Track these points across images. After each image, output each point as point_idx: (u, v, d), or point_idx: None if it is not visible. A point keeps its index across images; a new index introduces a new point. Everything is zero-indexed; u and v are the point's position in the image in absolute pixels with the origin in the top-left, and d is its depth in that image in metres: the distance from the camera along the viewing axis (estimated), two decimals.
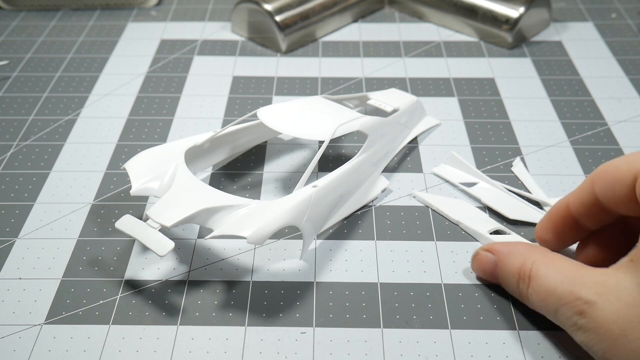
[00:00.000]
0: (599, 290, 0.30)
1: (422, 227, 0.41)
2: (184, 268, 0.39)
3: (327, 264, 0.39)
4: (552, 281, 0.32)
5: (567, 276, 0.31)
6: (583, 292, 0.30)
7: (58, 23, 0.66)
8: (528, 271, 0.33)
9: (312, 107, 0.44)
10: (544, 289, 0.32)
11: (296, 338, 0.35)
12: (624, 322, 0.28)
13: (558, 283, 0.31)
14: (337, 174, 0.40)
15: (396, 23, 0.66)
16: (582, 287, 0.30)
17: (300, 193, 0.38)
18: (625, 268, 0.30)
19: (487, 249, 0.37)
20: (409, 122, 0.49)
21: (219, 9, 0.68)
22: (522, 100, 0.54)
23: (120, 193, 0.44)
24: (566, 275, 0.31)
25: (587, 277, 0.31)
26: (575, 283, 0.31)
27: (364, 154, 0.42)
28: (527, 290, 0.33)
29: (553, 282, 0.31)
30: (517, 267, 0.34)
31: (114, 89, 0.56)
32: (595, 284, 0.30)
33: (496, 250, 0.36)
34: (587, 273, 0.31)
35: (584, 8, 0.68)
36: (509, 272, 0.35)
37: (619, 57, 0.59)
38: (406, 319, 0.36)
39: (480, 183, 0.44)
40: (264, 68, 0.58)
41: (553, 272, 0.32)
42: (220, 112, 0.53)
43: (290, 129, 0.41)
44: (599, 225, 0.35)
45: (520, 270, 0.34)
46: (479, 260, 0.37)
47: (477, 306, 0.36)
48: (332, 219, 0.41)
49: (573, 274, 0.31)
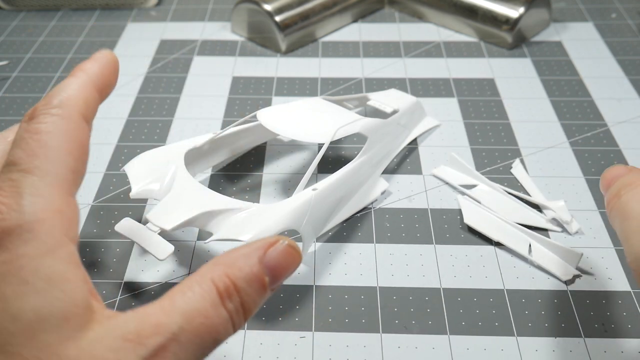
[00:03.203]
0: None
1: (421, 230, 0.42)
2: (184, 270, 0.39)
3: (327, 267, 0.39)
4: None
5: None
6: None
7: (58, 23, 0.66)
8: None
9: (312, 108, 0.44)
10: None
11: (295, 342, 0.35)
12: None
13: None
14: (337, 177, 0.40)
15: (396, 23, 0.65)
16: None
17: (300, 196, 0.38)
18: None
19: (630, 167, 0.31)
20: (408, 123, 0.49)
21: (218, 9, 0.68)
22: (521, 100, 0.53)
23: (120, 194, 0.45)
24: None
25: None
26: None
27: (364, 156, 0.42)
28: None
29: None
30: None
31: (114, 89, 0.56)
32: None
33: (634, 168, 0.31)
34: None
35: (584, 8, 0.68)
36: (623, 181, 0.30)
37: (619, 57, 0.59)
38: (405, 324, 0.36)
39: (480, 185, 0.44)
40: (263, 68, 0.58)
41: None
42: (220, 112, 0.53)
43: (289, 131, 0.41)
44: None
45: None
46: (610, 170, 0.31)
47: (476, 311, 0.36)
48: (332, 221, 0.41)
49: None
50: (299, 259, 0.27)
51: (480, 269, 0.39)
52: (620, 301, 0.37)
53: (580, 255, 0.38)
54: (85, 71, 0.29)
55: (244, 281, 0.25)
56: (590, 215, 0.42)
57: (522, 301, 0.37)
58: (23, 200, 0.24)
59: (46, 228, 0.24)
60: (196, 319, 0.23)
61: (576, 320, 0.36)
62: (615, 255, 0.40)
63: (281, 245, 0.26)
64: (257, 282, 0.25)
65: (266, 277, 0.25)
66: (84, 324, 0.23)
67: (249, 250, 0.25)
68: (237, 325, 0.25)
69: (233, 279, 0.25)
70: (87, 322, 0.23)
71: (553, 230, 0.41)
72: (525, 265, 0.39)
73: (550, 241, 0.39)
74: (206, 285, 0.24)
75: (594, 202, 0.43)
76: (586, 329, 0.35)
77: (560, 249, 0.39)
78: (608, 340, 0.35)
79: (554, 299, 0.37)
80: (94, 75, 0.29)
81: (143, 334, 0.23)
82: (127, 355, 0.22)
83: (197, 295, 0.24)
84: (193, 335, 0.23)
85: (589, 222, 0.42)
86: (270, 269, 0.25)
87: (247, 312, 0.25)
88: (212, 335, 0.24)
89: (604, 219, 0.42)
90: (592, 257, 0.40)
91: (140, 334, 0.23)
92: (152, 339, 0.23)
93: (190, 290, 0.24)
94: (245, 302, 0.25)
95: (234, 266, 0.25)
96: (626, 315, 0.36)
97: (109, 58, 0.30)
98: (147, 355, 0.22)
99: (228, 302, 0.24)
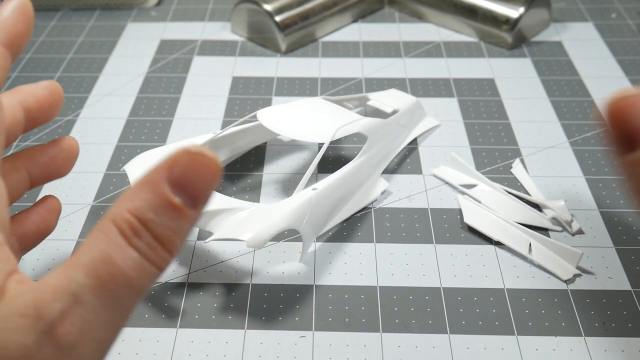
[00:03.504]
0: None
1: (421, 230, 0.42)
2: (184, 270, 0.39)
3: (327, 266, 0.39)
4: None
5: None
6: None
7: (58, 23, 0.66)
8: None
9: (312, 108, 0.44)
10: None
11: (295, 342, 0.35)
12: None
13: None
14: (337, 177, 0.40)
15: (396, 23, 0.65)
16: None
17: (300, 196, 0.38)
18: None
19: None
20: (408, 123, 0.49)
21: (218, 9, 0.68)
22: (521, 100, 0.53)
23: (120, 194, 0.44)
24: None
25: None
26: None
27: (364, 156, 0.42)
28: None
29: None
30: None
31: (114, 89, 0.56)
32: None
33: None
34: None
35: (584, 8, 0.68)
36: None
37: (619, 57, 0.59)
38: (405, 323, 0.36)
39: (480, 185, 0.44)
40: (263, 68, 0.58)
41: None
42: (220, 112, 0.53)
43: (289, 131, 0.41)
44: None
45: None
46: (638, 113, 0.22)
47: (476, 311, 0.36)
48: (332, 221, 0.41)
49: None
50: (213, 166, 0.21)
51: (480, 268, 0.39)
52: (621, 300, 0.37)
53: (581, 254, 0.38)
54: (22, 91, 0.29)
55: (149, 210, 0.21)
56: (591, 214, 0.42)
57: (522, 300, 0.37)
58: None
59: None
60: (98, 269, 0.20)
61: (576, 319, 0.36)
62: (615, 254, 0.40)
63: (185, 157, 0.21)
64: (166, 207, 0.21)
65: (176, 198, 0.21)
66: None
67: (151, 176, 0.21)
68: (158, 263, 0.21)
69: (136, 213, 0.21)
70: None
71: (553, 229, 0.41)
72: (525, 264, 0.39)
73: (551, 240, 0.39)
74: (106, 229, 0.21)
75: (594, 202, 0.43)
76: (586, 328, 0.35)
77: (561, 248, 0.39)
78: (608, 339, 0.35)
79: (554, 298, 0.37)
80: (28, 98, 0.29)
81: (40, 304, 0.20)
82: (24, 334, 0.19)
83: (97, 242, 0.21)
84: (98, 288, 0.20)
85: (589, 221, 0.42)
86: (180, 187, 0.21)
87: (167, 244, 0.21)
88: (123, 283, 0.20)
89: (604, 219, 0.42)
90: (593, 257, 0.40)
91: (38, 305, 0.20)
92: (50, 308, 0.20)
93: (91, 238, 0.21)
94: (158, 233, 0.21)
95: (135, 198, 0.21)
96: (626, 314, 0.36)
97: (16, 4, 0.28)
98: (47, 329, 0.19)
99: (135, 239, 0.21)
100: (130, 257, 0.21)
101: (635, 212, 0.24)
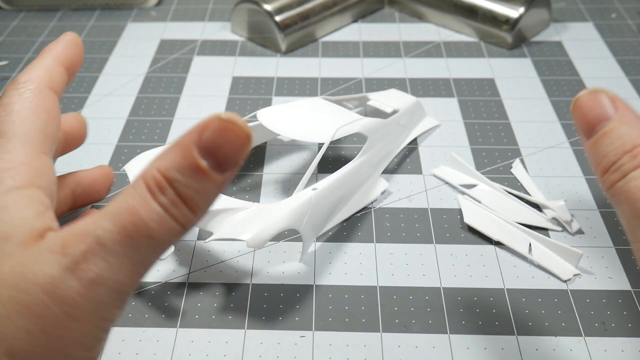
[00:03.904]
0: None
1: (421, 230, 0.42)
2: (184, 270, 0.39)
3: (327, 266, 0.39)
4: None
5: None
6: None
7: (58, 23, 0.66)
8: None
9: (312, 108, 0.44)
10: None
11: (295, 342, 0.35)
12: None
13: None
14: (337, 176, 0.40)
15: (396, 23, 0.65)
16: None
17: (300, 196, 0.38)
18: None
19: (612, 98, 0.27)
20: (408, 123, 0.49)
21: (218, 9, 0.68)
22: (521, 100, 0.54)
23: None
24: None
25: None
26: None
27: (364, 156, 0.42)
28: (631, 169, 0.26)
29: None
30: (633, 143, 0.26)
31: (114, 89, 0.56)
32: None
33: (620, 107, 0.27)
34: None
35: (584, 8, 0.68)
36: (619, 140, 0.26)
37: (619, 57, 0.59)
38: (405, 323, 0.36)
39: (480, 185, 0.44)
40: (263, 68, 0.58)
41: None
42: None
43: (290, 131, 0.41)
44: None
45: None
46: (592, 105, 0.27)
47: (476, 310, 0.36)
48: (332, 221, 0.41)
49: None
50: (242, 134, 0.23)
51: (480, 268, 0.39)
52: (621, 300, 0.37)
53: (580, 254, 0.38)
54: (49, 51, 0.32)
55: (176, 170, 0.23)
56: (590, 214, 0.42)
57: (522, 300, 0.37)
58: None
59: (11, 174, 0.26)
60: (123, 218, 0.22)
61: (576, 319, 0.36)
62: (615, 254, 0.40)
63: (216, 122, 0.23)
64: (192, 169, 0.23)
65: (203, 161, 0.23)
66: (24, 243, 0.23)
67: (182, 139, 0.23)
68: (181, 219, 0.23)
69: (163, 171, 0.23)
70: (28, 242, 0.24)
71: (553, 229, 0.41)
72: (525, 264, 0.39)
73: (551, 240, 0.39)
74: (136, 184, 0.23)
75: (594, 202, 0.43)
76: (586, 328, 0.35)
77: (561, 248, 0.39)
78: (608, 339, 0.35)
79: (554, 298, 0.37)
80: (57, 53, 0.32)
81: (68, 244, 0.22)
82: (51, 266, 0.22)
83: (126, 195, 0.23)
84: (121, 235, 0.22)
85: (589, 221, 0.42)
86: (208, 151, 0.23)
87: (190, 203, 0.23)
88: (144, 232, 0.22)
89: (604, 219, 0.42)
90: (592, 257, 0.40)
91: (65, 245, 0.23)
92: (75, 248, 0.22)
93: (122, 194, 0.23)
94: (182, 192, 0.23)
95: (165, 158, 0.23)
96: (626, 314, 0.36)
97: (71, 37, 0.33)
98: (70, 264, 0.22)
99: (160, 195, 0.23)
100: (153, 210, 0.22)
101: (599, 182, 0.27)
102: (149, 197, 0.23)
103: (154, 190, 0.23)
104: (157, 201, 0.23)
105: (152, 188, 0.23)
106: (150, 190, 0.23)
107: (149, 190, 0.23)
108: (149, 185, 0.23)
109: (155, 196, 0.23)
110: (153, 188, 0.23)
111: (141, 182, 0.23)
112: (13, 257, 0.23)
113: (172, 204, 0.23)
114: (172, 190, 0.23)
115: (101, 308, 0.23)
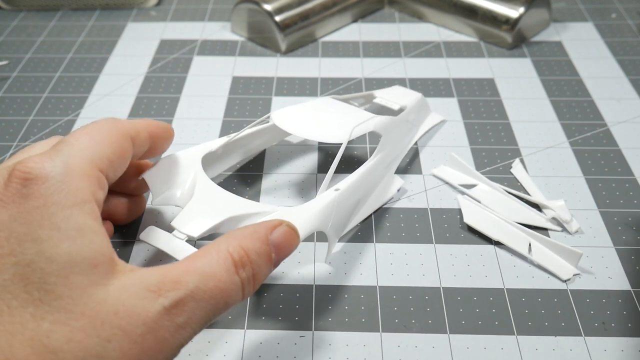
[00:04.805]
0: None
1: (421, 230, 0.42)
2: None
3: (326, 266, 0.39)
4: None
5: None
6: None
7: (58, 23, 0.66)
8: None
9: (325, 109, 0.43)
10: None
11: (295, 342, 0.35)
12: None
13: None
14: (356, 176, 0.40)
15: (396, 23, 0.65)
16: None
17: (324, 197, 0.37)
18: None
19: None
20: (416, 120, 0.49)
21: (218, 9, 0.68)
22: (521, 100, 0.54)
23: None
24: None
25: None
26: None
27: (380, 154, 0.42)
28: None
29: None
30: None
31: (114, 89, 0.56)
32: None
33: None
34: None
35: (584, 8, 0.68)
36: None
37: (619, 57, 0.59)
38: (405, 323, 0.36)
39: (480, 185, 0.44)
40: (263, 68, 0.58)
41: None
42: (220, 112, 0.53)
43: (306, 132, 0.40)
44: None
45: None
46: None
47: (476, 310, 0.36)
48: (353, 220, 0.41)
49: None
50: (297, 240, 0.31)
51: (480, 268, 0.39)
52: (621, 300, 0.37)
53: (580, 254, 0.38)
54: (148, 120, 0.35)
55: (256, 253, 0.28)
56: (590, 214, 0.43)
57: (522, 300, 0.37)
58: (59, 157, 0.27)
59: (76, 183, 0.27)
60: (211, 281, 0.27)
61: (576, 319, 0.36)
62: (615, 254, 0.40)
63: (284, 227, 0.30)
64: (266, 256, 0.29)
65: (273, 253, 0.29)
66: (109, 272, 0.26)
67: (258, 228, 0.29)
68: (246, 293, 0.28)
69: (247, 251, 0.28)
70: (112, 271, 0.26)
71: (553, 229, 0.41)
72: (525, 264, 0.39)
73: (550, 240, 0.39)
74: (222, 254, 0.27)
75: (593, 202, 0.43)
76: (586, 328, 0.35)
77: (560, 248, 0.39)
78: (608, 339, 0.35)
79: (553, 298, 0.37)
80: (152, 125, 0.35)
81: (164, 287, 0.26)
82: (151, 303, 0.25)
83: (213, 260, 0.27)
84: (208, 295, 0.26)
85: (588, 221, 0.42)
86: (275, 247, 0.29)
87: (257, 282, 0.29)
88: (224, 298, 0.27)
89: (604, 218, 0.42)
90: (592, 256, 0.40)
91: (161, 287, 0.26)
92: (172, 292, 0.26)
93: (208, 255, 0.27)
94: (255, 272, 0.28)
95: (246, 239, 0.28)
96: (626, 314, 0.36)
97: (168, 127, 0.37)
98: (169, 306, 0.25)
99: (241, 270, 0.28)
100: (234, 281, 0.27)
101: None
102: (233, 270, 0.27)
103: (237, 265, 0.28)
104: (238, 275, 0.28)
105: (237, 263, 0.28)
106: (235, 264, 0.28)
107: (234, 264, 0.28)
108: (234, 260, 0.28)
109: (238, 270, 0.28)
110: (237, 263, 0.28)
111: (227, 254, 0.28)
112: (106, 286, 0.25)
113: (247, 280, 0.28)
114: (250, 268, 0.28)
115: (178, 348, 0.26)
